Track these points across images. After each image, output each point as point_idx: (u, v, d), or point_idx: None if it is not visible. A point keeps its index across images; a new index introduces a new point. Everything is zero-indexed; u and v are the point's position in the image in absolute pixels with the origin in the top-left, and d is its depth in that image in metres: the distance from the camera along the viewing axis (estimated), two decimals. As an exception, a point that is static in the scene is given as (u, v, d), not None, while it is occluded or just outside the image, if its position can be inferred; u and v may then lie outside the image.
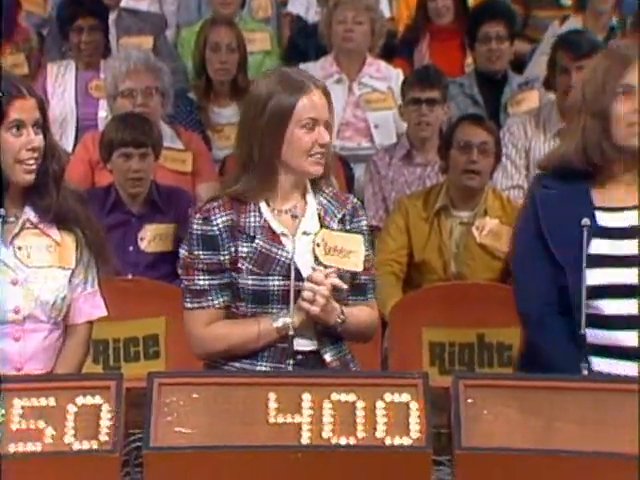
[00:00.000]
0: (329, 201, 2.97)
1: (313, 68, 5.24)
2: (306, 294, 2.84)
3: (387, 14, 6.08)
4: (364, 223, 3.00)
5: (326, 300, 2.83)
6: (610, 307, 2.93)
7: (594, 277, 2.91)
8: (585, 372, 2.78)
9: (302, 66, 5.27)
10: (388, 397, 2.48)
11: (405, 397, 2.49)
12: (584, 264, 2.81)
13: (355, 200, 3.03)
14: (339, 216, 2.96)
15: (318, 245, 2.87)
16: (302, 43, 5.98)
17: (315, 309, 2.83)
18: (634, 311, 2.93)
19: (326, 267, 2.86)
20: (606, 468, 2.45)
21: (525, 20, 6.21)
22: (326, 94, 2.91)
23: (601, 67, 2.96)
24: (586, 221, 2.86)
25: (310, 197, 2.96)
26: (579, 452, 2.46)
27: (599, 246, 2.93)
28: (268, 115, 2.85)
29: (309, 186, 2.97)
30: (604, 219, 2.96)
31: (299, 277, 2.86)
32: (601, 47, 4.74)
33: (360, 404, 2.48)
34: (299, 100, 2.85)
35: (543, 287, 2.94)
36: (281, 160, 2.88)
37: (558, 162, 3.02)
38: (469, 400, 2.50)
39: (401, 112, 5.12)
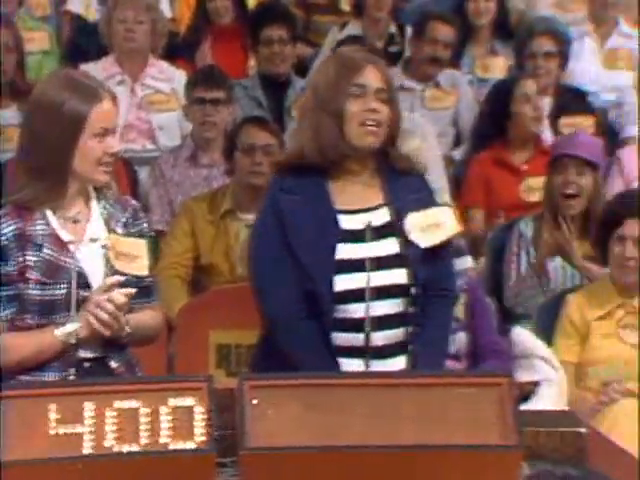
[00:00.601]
0: (112, 205, 2.94)
1: (94, 69, 5.10)
2: (105, 317, 2.79)
3: (168, 14, 6.02)
4: (145, 226, 2.99)
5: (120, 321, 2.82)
6: (358, 310, 2.99)
7: (341, 281, 2.97)
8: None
9: (83, 67, 5.15)
10: (172, 402, 2.45)
11: (189, 401, 2.46)
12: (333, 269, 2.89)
13: (135, 203, 3.03)
14: (123, 220, 2.94)
15: (109, 249, 2.84)
16: (83, 43, 5.84)
17: (109, 333, 2.81)
18: (380, 312, 3.01)
19: (118, 273, 2.83)
20: (394, 461, 2.49)
21: (306, 24, 6.27)
22: (114, 100, 2.87)
23: (332, 69, 3.06)
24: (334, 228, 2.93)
25: (94, 203, 2.92)
26: (365, 447, 2.49)
27: (344, 250, 3.00)
28: (60, 124, 2.78)
29: (92, 192, 2.93)
30: (346, 222, 3.03)
31: (87, 285, 2.83)
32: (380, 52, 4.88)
33: (144, 410, 2.44)
34: (92, 109, 2.81)
35: (291, 292, 2.99)
36: (71, 169, 2.83)
37: (294, 160, 3.07)
38: (254, 401, 2.50)
39: (186, 112, 5.09)
